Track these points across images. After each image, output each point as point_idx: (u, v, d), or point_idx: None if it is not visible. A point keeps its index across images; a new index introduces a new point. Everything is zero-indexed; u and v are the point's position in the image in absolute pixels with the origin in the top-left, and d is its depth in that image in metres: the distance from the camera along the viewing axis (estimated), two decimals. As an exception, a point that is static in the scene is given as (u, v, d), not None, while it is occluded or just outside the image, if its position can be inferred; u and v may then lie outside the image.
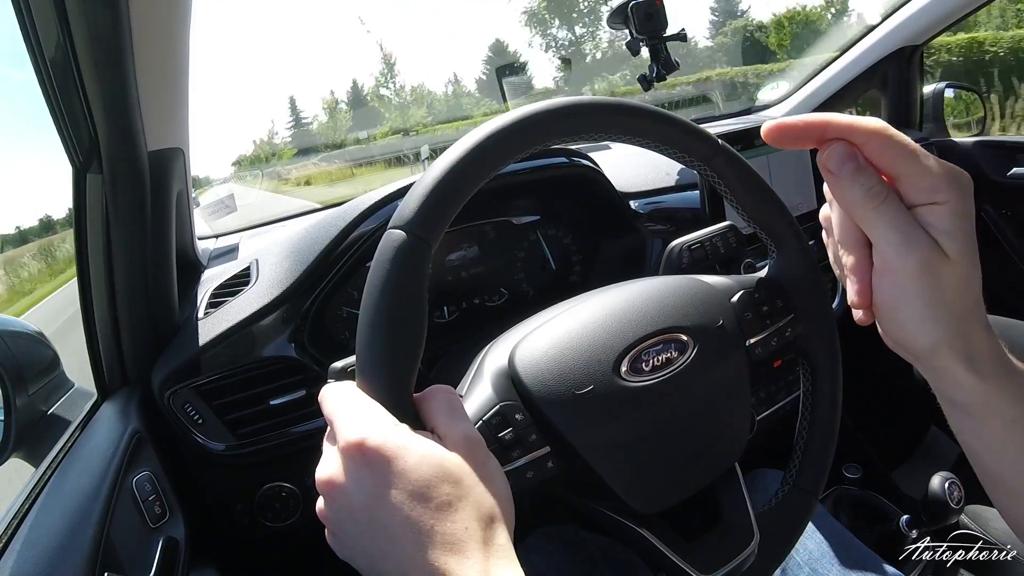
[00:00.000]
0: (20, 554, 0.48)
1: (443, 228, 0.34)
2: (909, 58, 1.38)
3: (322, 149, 23.97)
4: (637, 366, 0.41)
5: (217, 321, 0.72)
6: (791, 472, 0.47)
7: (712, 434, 0.43)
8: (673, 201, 0.97)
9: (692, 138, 0.43)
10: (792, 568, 0.61)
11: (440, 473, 0.29)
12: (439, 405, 0.33)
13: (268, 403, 0.70)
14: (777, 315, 0.46)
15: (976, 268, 0.31)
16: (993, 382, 0.32)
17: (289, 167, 16.34)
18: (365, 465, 0.29)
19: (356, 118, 29.97)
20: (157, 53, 0.58)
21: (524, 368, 0.40)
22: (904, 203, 0.31)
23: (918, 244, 0.30)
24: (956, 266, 0.30)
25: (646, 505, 0.41)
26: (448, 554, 0.28)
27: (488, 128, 0.36)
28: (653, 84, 1.01)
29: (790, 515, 0.46)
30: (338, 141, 25.96)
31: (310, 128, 39.00)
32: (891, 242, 0.30)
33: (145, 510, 0.58)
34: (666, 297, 0.44)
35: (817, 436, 0.47)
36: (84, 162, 0.60)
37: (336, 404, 0.33)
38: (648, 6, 0.92)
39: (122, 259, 0.65)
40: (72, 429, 0.67)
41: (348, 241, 0.75)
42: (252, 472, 0.73)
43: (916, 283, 0.30)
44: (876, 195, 0.30)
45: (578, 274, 0.97)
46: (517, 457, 0.38)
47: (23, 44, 0.53)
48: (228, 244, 0.99)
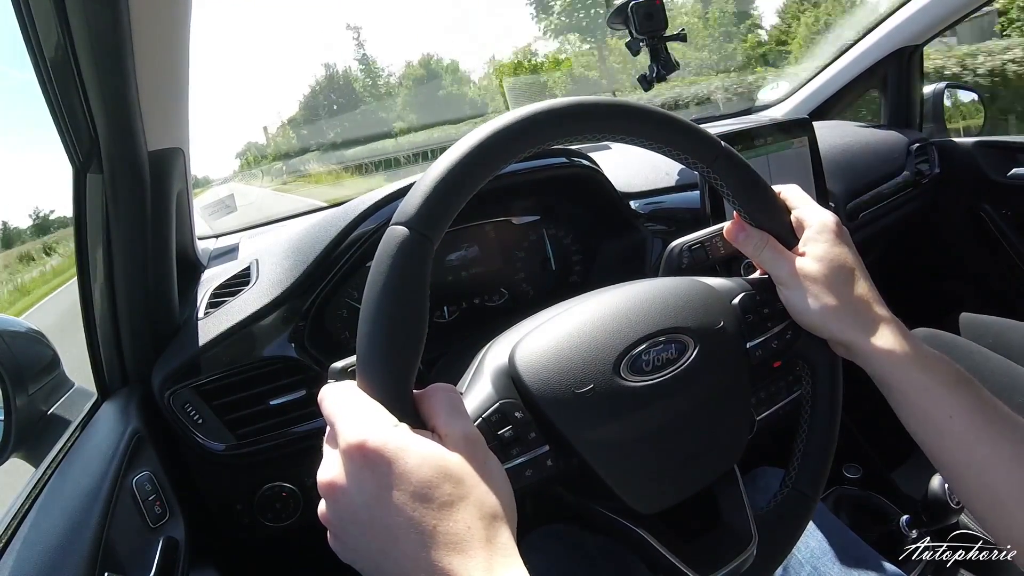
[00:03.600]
0: (20, 554, 0.48)
1: (446, 225, 0.34)
2: (909, 58, 1.38)
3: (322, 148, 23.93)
4: (637, 366, 0.41)
5: (217, 321, 0.72)
6: (790, 474, 0.47)
7: (712, 435, 0.43)
8: (673, 201, 0.97)
9: (694, 139, 0.43)
10: (793, 566, 0.61)
11: (441, 473, 0.29)
12: (439, 403, 0.33)
13: (268, 403, 0.70)
14: (778, 317, 0.46)
15: (837, 271, 0.44)
16: (900, 356, 0.42)
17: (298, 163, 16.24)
18: (366, 467, 0.29)
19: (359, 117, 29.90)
20: (157, 53, 0.58)
21: (524, 366, 0.40)
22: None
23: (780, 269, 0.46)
24: (817, 277, 0.44)
25: (645, 505, 0.41)
26: (452, 554, 0.28)
27: (491, 127, 0.36)
28: (653, 84, 1.01)
29: (789, 517, 0.46)
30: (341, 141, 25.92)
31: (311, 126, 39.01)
32: (767, 266, 0.47)
33: (145, 510, 0.58)
34: (667, 298, 0.44)
35: (817, 438, 0.47)
36: (84, 162, 0.60)
37: (336, 405, 0.32)
38: (648, 6, 0.92)
39: (122, 259, 0.65)
40: (72, 429, 0.67)
41: (348, 241, 0.75)
42: (252, 472, 0.73)
43: (792, 289, 0.45)
44: (756, 248, 0.47)
45: (578, 274, 0.97)
46: (516, 455, 0.38)
47: (23, 44, 0.53)
48: (228, 244, 0.99)
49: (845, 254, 0.45)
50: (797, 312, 0.45)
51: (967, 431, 0.40)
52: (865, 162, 1.22)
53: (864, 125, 1.43)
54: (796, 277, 0.44)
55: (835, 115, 1.51)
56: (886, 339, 0.43)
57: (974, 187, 1.34)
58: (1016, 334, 1.06)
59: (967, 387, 0.41)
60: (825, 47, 1.51)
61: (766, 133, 0.95)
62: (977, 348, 1.00)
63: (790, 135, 0.97)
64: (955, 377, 0.42)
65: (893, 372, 0.43)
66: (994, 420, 0.40)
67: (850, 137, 1.27)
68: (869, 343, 0.43)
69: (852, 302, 0.44)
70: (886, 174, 1.25)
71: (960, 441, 0.40)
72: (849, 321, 0.43)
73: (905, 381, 0.42)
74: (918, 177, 1.30)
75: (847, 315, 0.43)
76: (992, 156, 1.31)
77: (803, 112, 1.48)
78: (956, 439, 0.41)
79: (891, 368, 0.43)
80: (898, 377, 0.42)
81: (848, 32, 1.41)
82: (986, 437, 0.40)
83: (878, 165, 1.24)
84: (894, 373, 0.43)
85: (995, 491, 0.39)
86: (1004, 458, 0.39)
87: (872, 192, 1.20)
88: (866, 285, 0.45)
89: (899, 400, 0.43)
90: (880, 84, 1.45)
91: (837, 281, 0.44)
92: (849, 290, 0.44)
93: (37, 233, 9.53)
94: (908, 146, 1.32)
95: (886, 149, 1.29)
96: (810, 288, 0.44)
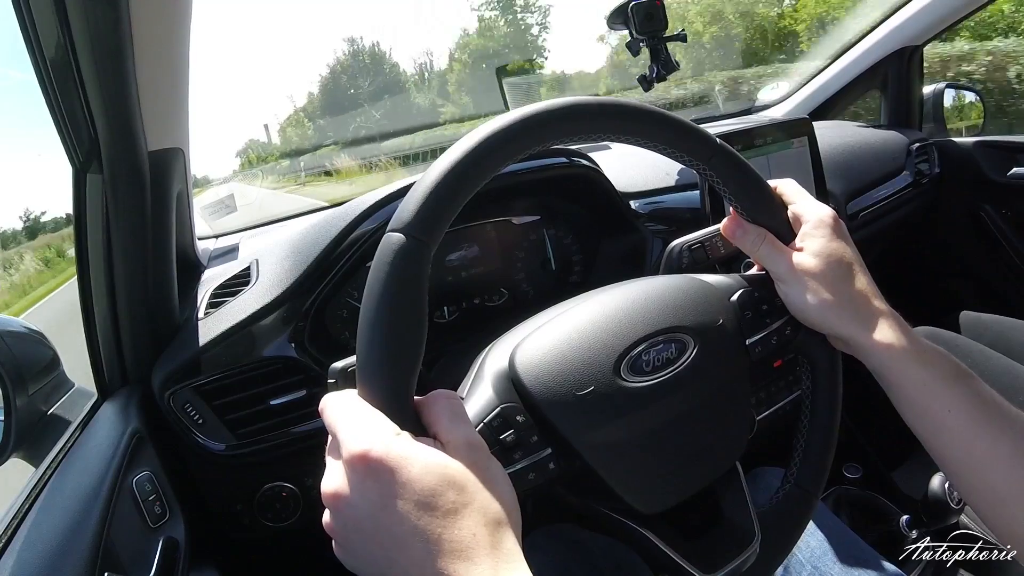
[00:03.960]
0: (20, 554, 0.48)
1: (442, 230, 0.34)
2: (909, 58, 1.38)
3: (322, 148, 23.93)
4: (638, 366, 0.41)
5: (217, 321, 0.71)
6: (791, 472, 0.47)
7: (713, 434, 0.43)
8: (673, 201, 0.97)
9: (691, 138, 0.43)
10: (794, 566, 0.61)
11: (445, 481, 0.29)
12: (441, 410, 0.33)
13: (268, 403, 0.70)
14: (777, 314, 0.46)
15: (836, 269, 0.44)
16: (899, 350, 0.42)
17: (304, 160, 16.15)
18: (370, 476, 0.29)
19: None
20: (157, 53, 0.58)
21: (525, 370, 0.40)
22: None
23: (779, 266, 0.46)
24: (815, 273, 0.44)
25: (647, 505, 0.41)
26: (457, 561, 0.28)
27: (487, 129, 0.36)
28: (653, 84, 1.01)
29: (791, 515, 0.46)
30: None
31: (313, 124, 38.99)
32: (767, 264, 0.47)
33: (145, 510, 0.58)
34: (666, 297, 0.44)
35: (817, 435, 0.47)
36: (84, 162, 0.60)
37: (337, 415, 0.32)
38: (648, 6, 0.92)
39: (122, 259, 0.65)
40: (72, 429, 0.67)
41: (348, 241, 0.74)
42: (252, 472, 0.73)
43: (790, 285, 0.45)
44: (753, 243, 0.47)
45: (578, 274, 0.97)
46: (519, 459, 0.38)
47: (23, 44, 0.53)
48: (228, 244, 0.99)
49: (843, 248, 0.45)
50: (795, 308, 0.45)
51: (966, 426, 0.40)
52: (865, 162, 1.22)
53: (864, 125, 1.43)
54: (794, 272, 0.44)
55: (835, 115, 1.51)
56: (885, 333, 0.43)
57: (974, 187, 1.34)
58: (1016, 333, 1.06)
59: (966, 382, 0.41)
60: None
61: (766, 133, 0.95)
62: (977, 347, 1.00)
63: (790, 135, 0.97)
64: (954, 372, 0.42)
65: (892, 366, 0.42)
66: (994, 416, 0.40)
67: (850, 137, 1.27)
68: (868, 337, 0.43)
69: (851, 296, 0.44)
70: (886, 174, 1.25)
71: (959, 436, 0.40)
72: (848, 316, 0.43)
73: (904, 375, 0.42)
74: (918, 177, 1.30)
75: (846, 309, 0.43)
76: (992, 156, 1.31)
77: (803, 112, 1.48)
78: (955, 434, 0.41)
79: (890, 362, 0.42)
80: (897, 371, 0.42)
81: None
82: (985, 433, 0.40)
83: (878, 165, 1.24)
84: (893, 367, 0.42)
85: (995, 487, 0.39)
86: (1004, 454, 0.39)
87: (872, 192, 1.20)
88: (864, 279, 0.45)
89: (898, 395, 0.43)
90: (880, 84, 1.45)
91: (835, 276, 0.44)
92: (847, 284, 0.44)
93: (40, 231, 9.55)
94: (908, 146, 1.32)
95: (886, 149, 1.29)
96: (808, 283, 0.44)
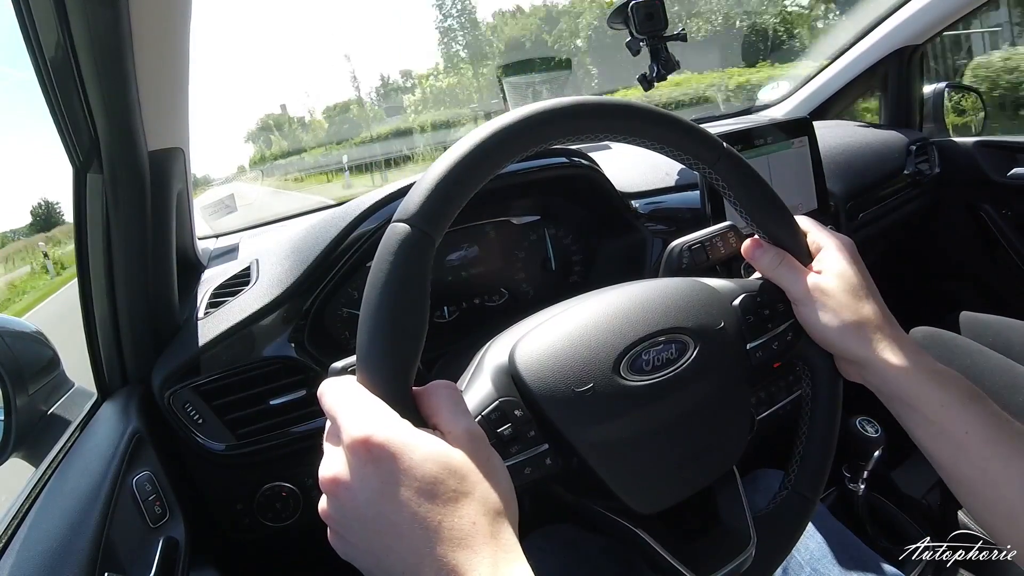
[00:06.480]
0: (20, 554, 0.48)
1: (447, 223, 0.34)
2: (909, 58, 1.38)
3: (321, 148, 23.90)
4: (637, 365, 0.41)
5: (217, 321, 0.72)
6: (790, 476, 0.47)
7: (711, 435, 0.43)
8: (673, 201, 0.97)
9: (696, 140, 0.43)
10: (793, 568, 0.61)
11: (446, 469, 0.29)
12: (441, 400, 0.33)
13: (268, 403, 0.70)
14: (778, 319, 0.46)
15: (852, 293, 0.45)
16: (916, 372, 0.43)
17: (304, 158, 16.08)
18: (371, 461, 0.29)
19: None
20: (157, 53, 0.58)
21: (524, 365, 0.40)
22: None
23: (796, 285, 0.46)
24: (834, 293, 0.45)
25: (644, 505, 0.41)
26: (457, 549, 0.28)
27: (493, 126, 0.36)
28: (653, 84, 1.01)
29: (788, 519, 0.46)
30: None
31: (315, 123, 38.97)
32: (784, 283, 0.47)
33: (145, 510, 0.58)
34: (668, 298, 0.44)
35: (816, 441, 0.47)
36: (84, 162, 0.60)
37: (337, 400, 0.32)
38: (648, 6, 0.92)
39: (122, 259, 0.65)
40: (72, 429, 0.67)
41: (348, 241, 0.75)
42: (252, 472, 0.73)
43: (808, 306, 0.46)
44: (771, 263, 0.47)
45: (578, 274, 0.97)
46: (516, 453, 0.38)
47: (23, 44, 0.53)
48: (228, 244, 0.99)
49: (860, 273, 0.46)
50: (814, 329, 0.46)
51: (983, 446, 0.41)
52: (865, 162, 1.22)
53: (864, 125, 1.43)
54: (813, 294, 0.45)
55: (835, 115, 1.51)
56: (902, 355, 0.43)
57: (974, 187, 1.34)
58: (1016, 333, 1.06)
59: (982, 403, 0.42)
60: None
61: (766, 133, 0.95)
62: (977, 347, 1.00)
63: (790, 135, 0.97)
64: (969, 393, 0.43)
65: (910, 389, 0.43)
66: (1007, 435, 0.41)
67: (850, 137, 1.26)
68: (886, 359, 0.43)
69: (868, 319, 0.44)
70: (886, 174, 1.25)
71: (976, 455, 0.41)
72: (867, 338, 0.44)
73: (922, 398, 0.43)
74: (918, 177, 1.30)
75: (865, 332, 0.44)
76: (992, 156, 1.31)
77: (803, 112, 1.48)
78: (971, 454, 0.41)
79: (908, 385, 0.43)
80: (915, 394, 0.43)
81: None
82: (1001, 451, 0.40)
83: (878, 165, 1.24)
84: (911, 390, 0.43)
85: (1010, 505, 0.40)
86: (1018, 471, 0.40)
87: (872, 192, 1.20)
88: (879, 304, 0.46)
89: (914, 417, 0.44)
90: (880, 84, 1.45)
91: (854, 299, 0.45)
92: (866, 308, 0.45)
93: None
94: (908, 146, 1.32)
95: (886, 149, 1.29)
96: (827, 304, 0.44)
